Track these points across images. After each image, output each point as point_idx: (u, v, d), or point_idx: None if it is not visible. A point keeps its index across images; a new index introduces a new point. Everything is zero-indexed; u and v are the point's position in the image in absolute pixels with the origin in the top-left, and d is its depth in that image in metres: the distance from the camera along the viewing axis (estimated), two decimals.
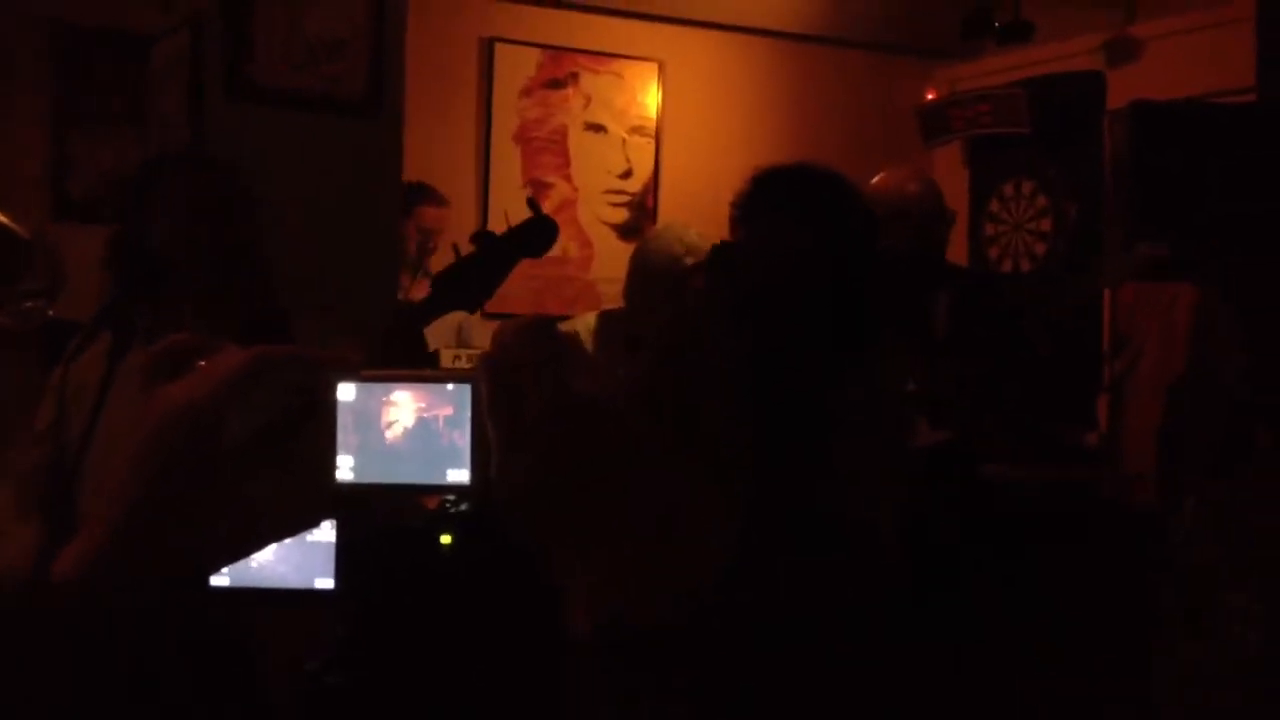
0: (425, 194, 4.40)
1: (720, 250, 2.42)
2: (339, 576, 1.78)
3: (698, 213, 5.27)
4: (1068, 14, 5.35)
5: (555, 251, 5.45)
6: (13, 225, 3.09)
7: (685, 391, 2.44)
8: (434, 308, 2.12)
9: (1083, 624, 3.16)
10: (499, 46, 5.55)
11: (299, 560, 1.81)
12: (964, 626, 2.56)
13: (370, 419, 0.76)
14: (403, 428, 0.76)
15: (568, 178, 5.70)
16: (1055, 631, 3.13)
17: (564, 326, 3.66)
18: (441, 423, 0.77)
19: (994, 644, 2.91)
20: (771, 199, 2.37)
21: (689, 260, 3.46)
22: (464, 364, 3.70)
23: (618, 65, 5.76)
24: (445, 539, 2.34)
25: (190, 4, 3.40)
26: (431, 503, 2.36)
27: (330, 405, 0.75)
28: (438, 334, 4.15)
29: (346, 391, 0.75)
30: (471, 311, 2.17)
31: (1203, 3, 4.99)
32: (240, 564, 1.76)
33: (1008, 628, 2.98)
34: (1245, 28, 4.58)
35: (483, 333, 4.44)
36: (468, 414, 0.76)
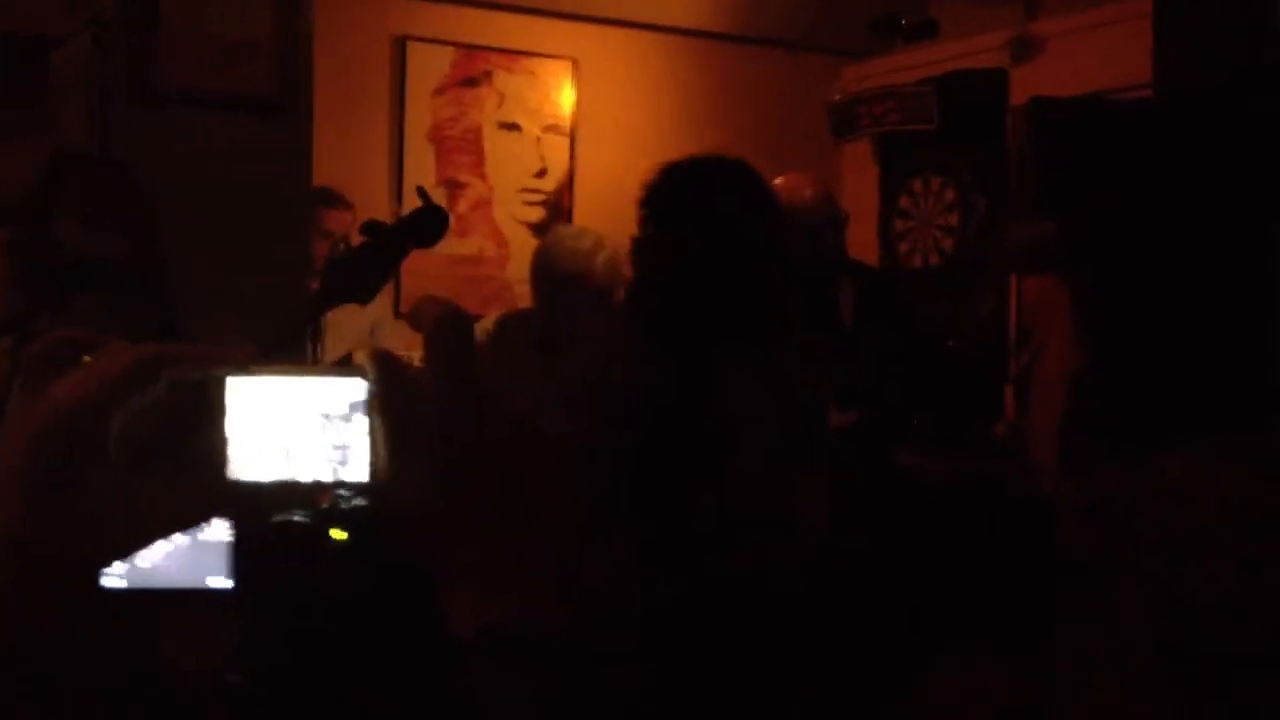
0: (325, 197, 4.33)
1: (636, 243, 2.44)
2: (234, 575, 1.77)
3: (613, 211, 5.28)
4: (972, 12, 5.45)
5: (471, 251, 5.49)
6: None
7: (599, 397, 2.46)
8: (325, 300, 2.10)
9: (980, 615, 3.22)
10: (411, 45, 5.53)
11: (193, 559, 1.80)
12: (869, 618, 2.61)
13: (262, 415, 0.76)
14: (295, 423, 0.76)
15: (483, 177, 5.70)
16: (954, 622, 3.19)
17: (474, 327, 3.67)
18: (335, 418, 0.77)
19: (901, 634, 2.96)
20: (678, 193, 2.39)
21: (582, 264, 3.47)
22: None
23: (532, 63, 5.76)
24: (337, 534, 2.34)
25: (93, 5, 3.36)
26: (324, 499, 2.36)
27: (220, 401, 0.75)
28: (349, 334, 4.14)
29: (238, 387, 0.75)
30: (363, 303, 2.15)
31: (1101, 0, 5.11)
32: (132, 565, 1.76)
33: (912, 619, 3.03)
34: (1145, 23, 4.68)
35: (394, 333, 4.42)
36: (361, 409, 0.76)
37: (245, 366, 0.75)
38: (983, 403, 4.37)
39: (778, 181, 3.52)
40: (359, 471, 0.76)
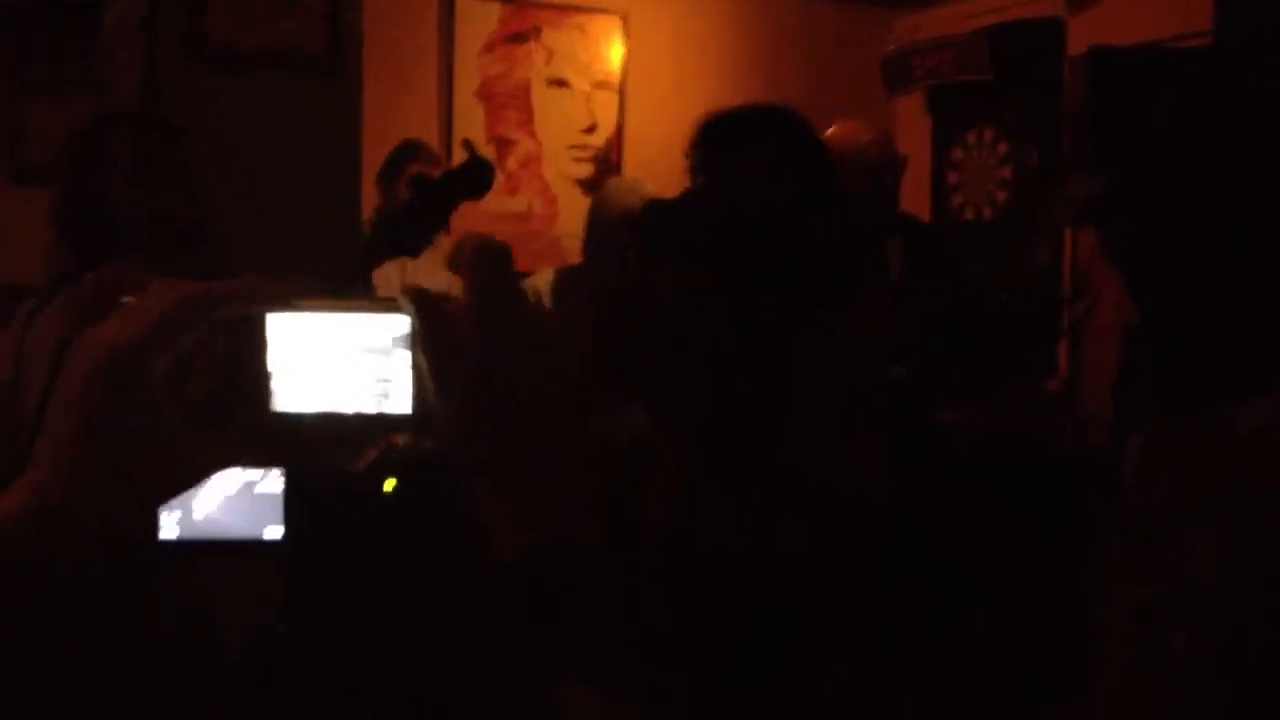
0: (417, 152, 4.34)
1: (653, 206, 2.42)
2: (287, 527, 1.80)
3: (663, 167, 5.24)
4: None
5: (520, 207, 5.49)
6: None
7: (628, 342, 2.44)
8: (374, 254, 2.12)
9: (1024, 581, 3.21)
10: (459, 2, 5.51)
11: (247, 510, 1.83)
12: (913, 584, 2.59)
13: (304, 349, 0.76)
14: (337, 357, 0.76)
15: (531, 134, 5.68)
16: (996, 589, 3.18)
17: (525, 284, 3.67)
18: (377, 352, 0.77)
19: (941, 601, 2.94)
20: (724, 142, 2.35)
21: None
22: None
23: (580, 19, 5.73)
24: (389, 485, 2.36)
25: None
26: (373, 451, 2.38)
27: (262, 337, 0.75)
28: (385, 284, 4.16)
29: (280, 323, 0.75)
30: (414, 256, 2.17)
31: None
32: (187, 516, 1.79)
33: (952, 586, 3.01)
34: None
35: (429, 280, 4.43)
36: (402, 344, 0.76)
37: (288, 303, 0.75)
38: (1033, 359, 4.33)
39: (833, 129, 3.49)
40: (401, 404, 0.76)
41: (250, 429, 0.75)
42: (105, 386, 0.71)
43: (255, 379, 0.74)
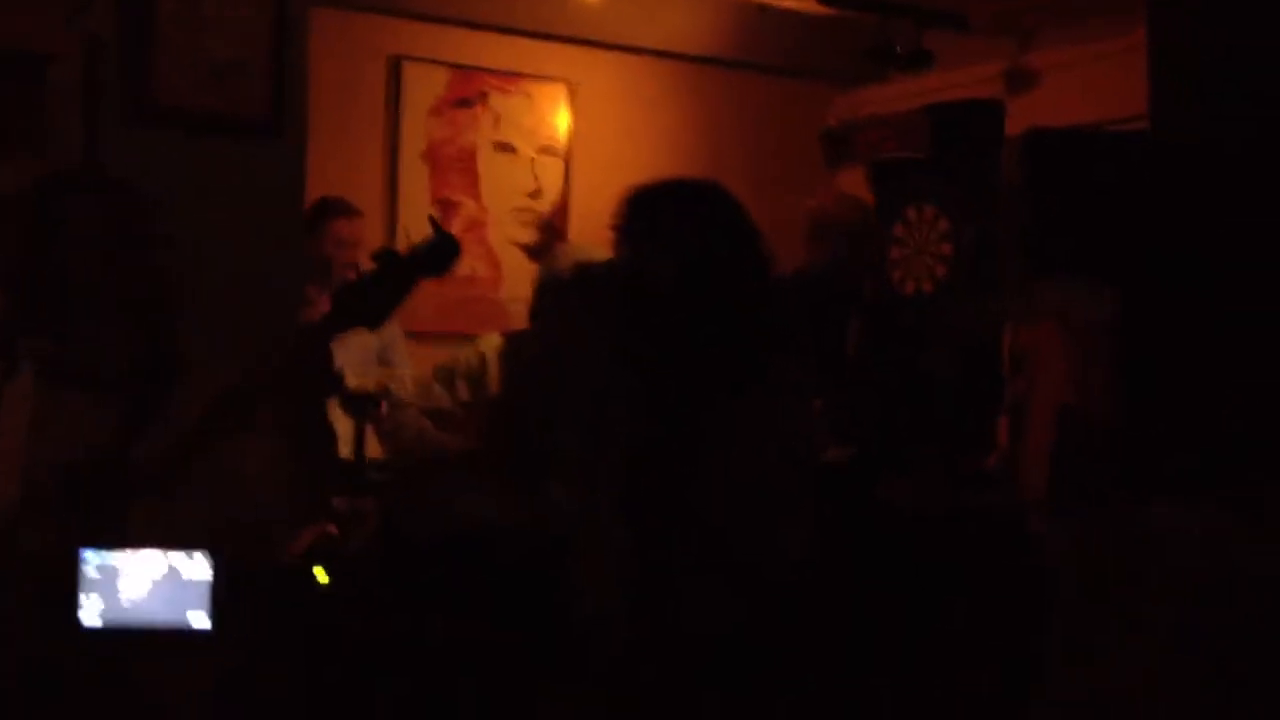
0: (335, 207, 4.33)
1: (586, 271, 2.42)
2: (213, 614, 1.76)
3: (608, 234, 5.27)
4: (967, 43, 5.46)
5: (464, 271, 5.48)
6: None
7: (540, 412, 2.43)
8: (335, 325, 2.10)
9: (965, 653, 3.20)
10: (407, 65, 5.53)
11: (173, 597, 1.78)
12: (844, 651, 2.57)
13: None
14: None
15: (476, 197, 5.69)
16: (936, 659, 3.17)
17: (469, 349, 3.66)
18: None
19: (874, 669, 2.93)
20: (647, 217, 2.36)
21: None
22: (368, 385, 3.67)
23: (527, 85, 5.76)
24: (319, 573, 2.32)
25: (88, 23, 3.35)
26: (306, 538, 2.35)
27: None
28: (355, 352, 4.12)
29: None
30: (372, 328, 2.16)
31: (1096, 35, 5.12)
32: (112, 603, 1.73)
33: (888, 654, 3.00)
34: (1141, 55, 4.70)
35: (404, 351, 4.40)
36: None
37: None
38: (973, 434, 4.35)
39: (824, 194, 3.54)
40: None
41: None
42: None
43: None
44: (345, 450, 4.07)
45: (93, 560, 1.80)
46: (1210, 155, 3.31)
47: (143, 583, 1.78)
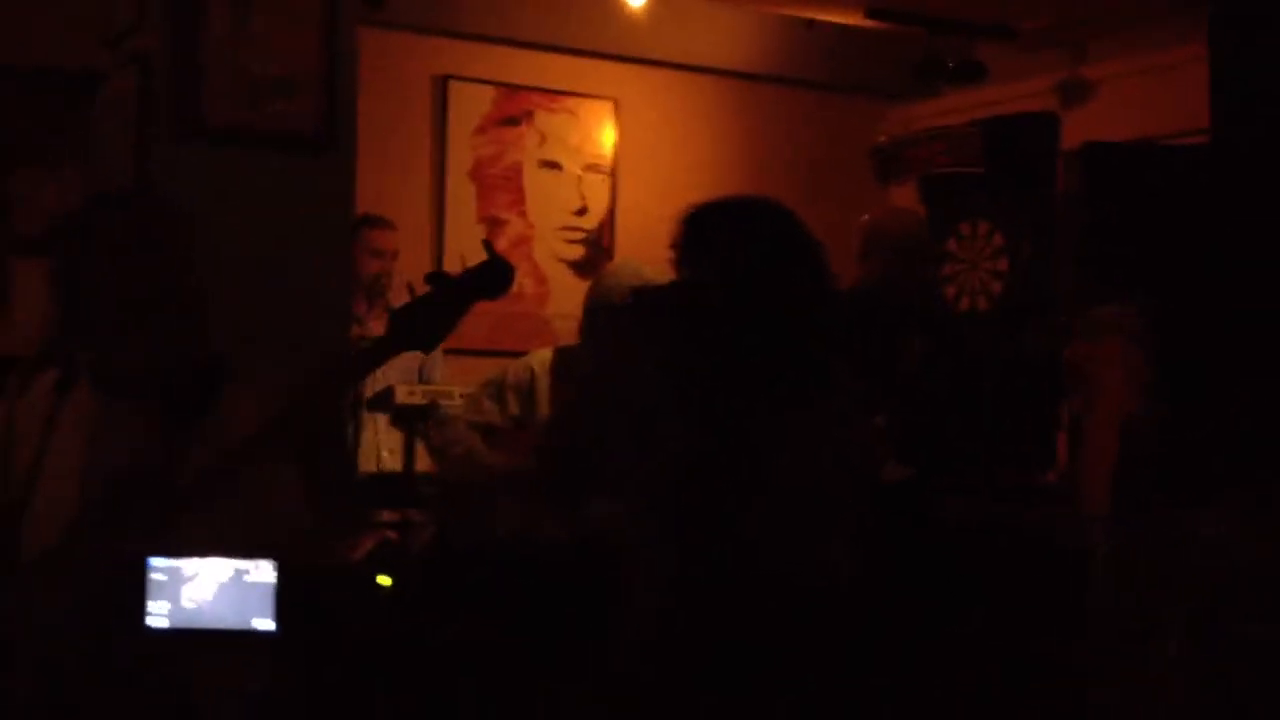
0: (369, 220, 4.38)
1: (641, 293, 2.40)
2: (278, 618, 1.77)
3: (654, 250, 5.22)
4: (1020, 56, 5.40)
5: (511, 288, 5.44)
6: None
7: (593, 429, 2.40)
8: (388, 348, 2.10)
9: (1019, 669, 3.17)
10: (453, 84, 5.53)
11: (238, 601, 1.80)
12: (903, 666, 2.54)
13: None
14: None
15: (523, 214, 5.68)
16: (991, 671, 3.14)
17: (519, 363, 3.63)
18: None
19: (932, 685, 2.89)
20: (703, 235, 2.34)
21: None
22: (418, 399, 3.66)
23: (572, 103, 5.75)
24: (383, 580, 2.31)
25: (137, 42, 3.35)
26: (368, 544, 2.33)
27: None
28: (396, 367, 4.12)
29: None
30: (426, 352, 2.15)
31: (1152, 46, 5.05)
32: (178, 606, 1.74)
33: (946, 670, 2.96)
34: (1199, 68, 4.63)
35: (443, 369, 4.40)
36: None
37: None
38: (1031, 450, 4.28)
39: (877, 211, 3.50)
40: None
41: None
42: None
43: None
44: (395, 463, 4.07)
45: (159, 565, 1.82)
46: (1272, 168, 3.25)
47: (208, 587, 1.80)
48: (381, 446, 4.31)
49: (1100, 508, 3.47)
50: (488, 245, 2.16)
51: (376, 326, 3.78)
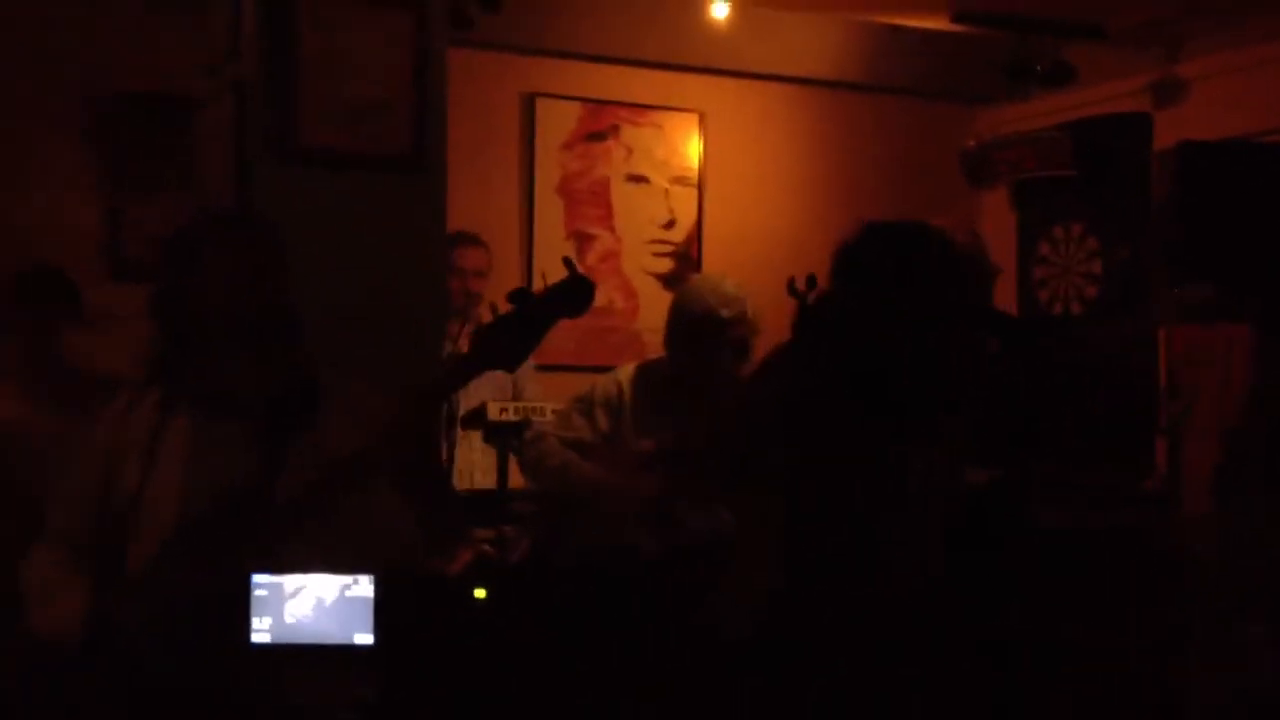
0: (458, 238, 4.42)
1: (818, 306, 2.44)
2: (377, 632, 1.80)
3: (741, 261, 5.27)
4: (1110, 56, 5.32)
5: (600, 302, 5.47)
6: None
7: (764, 439, 2.44)
8: (472, 367, 2.13)
9: (1113, 672, 3.15)
10: (540, 101, 5.58)
11: (339, 616, 1.83)
12: (998, 670, 2.55)
13: None
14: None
15: (611, 229, 5.71)
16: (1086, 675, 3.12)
17: (607, 378, 3.66)
18: None
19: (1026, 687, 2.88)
20: (878, 256, 2.40)
21: (724, 311, 3.47)
22: (510, 415, 3.69)
23: (658, 117, 5.78)
24: (479, 593, 2.33)
25: (235, 68, 3.44)
26: (465, 556, 2.36)
27: None
28: (488, 385, 4.16)
29: None
30: (510, 370, 2.18)
31: (1248, 41, 4.95)
32: (278, 620, 1.79)
33: (1040, 676, 2.95)
34: None
35: (535, 385, 4.43)
36: None
37: None
38: (1130, 455, 4.22)
39: None
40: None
41: None
42: None
43: None
44: (488, 481, 4.10)
45: (262, 582, 1.86)
46: None
47: (310, 602, 1.84)
48: (475, 465, 4.35)
49: (1201, 512, 3.42)
50: (568, 263, 2.18)
51: (467, 345, 3.81)
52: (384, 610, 1.81)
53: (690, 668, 2.43)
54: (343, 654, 1.83)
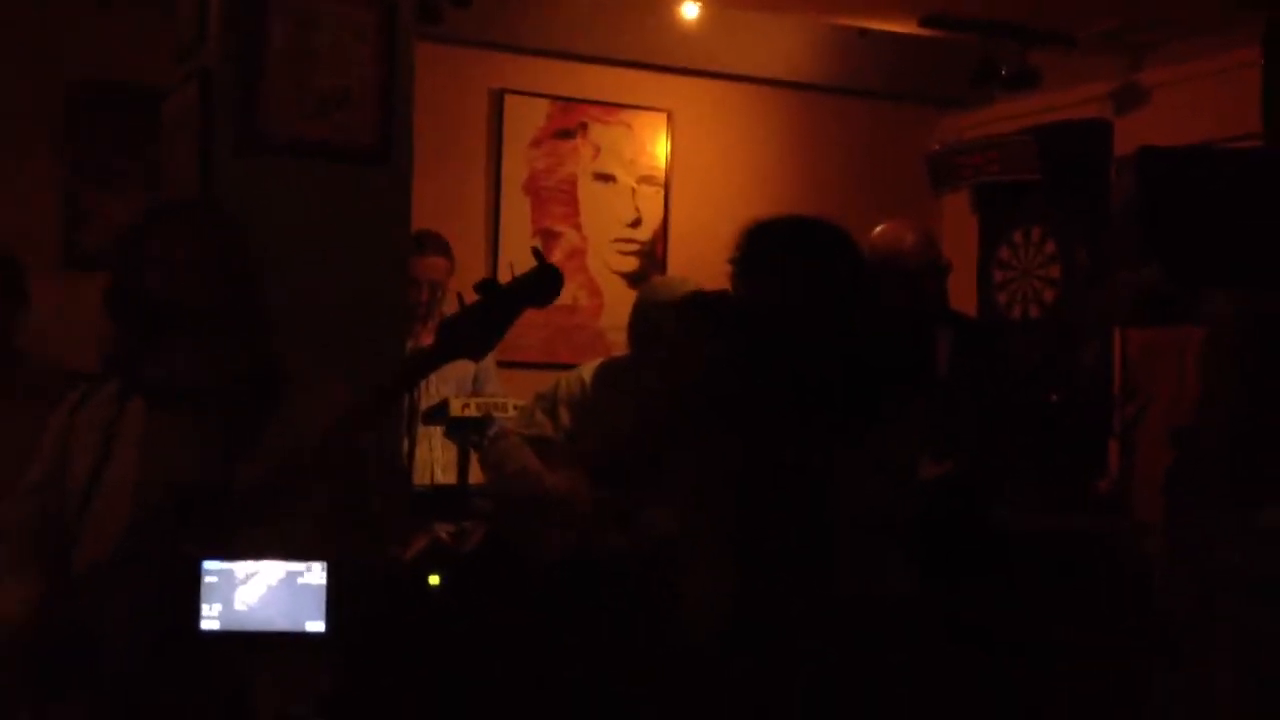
0: (420, 243, 4.34)
1: (694, 300, 2.43)
2: (329, 620, 1.80)
3: (707, 261, 5.27)
4: (1074, 62, 5.38)
5: (565, 300, 5.50)
6: None
7: (661, 440, 2.43)
8: (439, 356, 2.12)
9: (1074, 671, 3.17)
10: (509, 97, 5.59)
11: (290, 603, 1.83)
12: (961, 669, 2.55)
13: None
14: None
15: (577, 227, 5.73)
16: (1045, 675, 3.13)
17: (571, 375, 3.66)
18: None
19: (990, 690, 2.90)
20: (766, 254, 2.38)
21: None
22: (472, 411, 3.69)
23: (626, 116, 5.79)
24: (433, 579, 2.34)
25: (199, 58, 3.43)
26: (417, 545, 2.37)
27: None
28: (451, 379, 4.15)
29: None
30: (476, 360, 2.18)
31: (1209, 50, 5.01)
32: (228, 607, 1.79)
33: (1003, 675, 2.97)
34: (1253, 73, 4.59)
35: (497, 381, 4.43)
36: None
37: None
38: (1083, 458, 4.26)
39: (879, 229, 3.47)
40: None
41: None
42: None
43: None
44: (449, 477, 4.09)
45: (212, 569, 1.85)
46: None
47: (260, 589, 1.83)
48: (436, 460, 4.33)
49: (1153, 516, 3.46)
50: (537, 252, 2.18)
51: (428, 339, 3.78)
52: (336, 597, 1.81)
53: (653, 667, 2.44)
54: (294, 641, 1.82)
